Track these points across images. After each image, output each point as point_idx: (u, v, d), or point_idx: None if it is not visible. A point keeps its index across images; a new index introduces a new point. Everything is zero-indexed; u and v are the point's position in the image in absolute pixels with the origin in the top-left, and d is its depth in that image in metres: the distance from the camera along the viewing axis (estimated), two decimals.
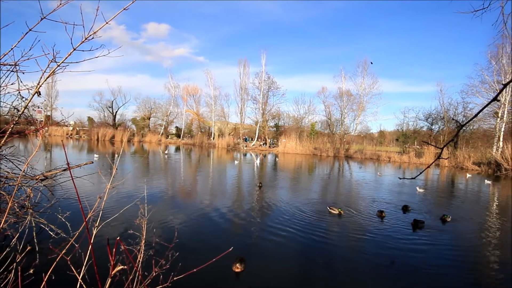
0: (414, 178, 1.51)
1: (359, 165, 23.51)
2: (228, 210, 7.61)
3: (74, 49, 1.81)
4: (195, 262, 1.55)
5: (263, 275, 4.25)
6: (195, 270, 1.37)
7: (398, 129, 38.37)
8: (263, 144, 40.07)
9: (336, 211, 7.44)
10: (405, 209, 8.21)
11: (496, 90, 24.56)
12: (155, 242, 4.58)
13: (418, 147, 32.23)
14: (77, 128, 48.91)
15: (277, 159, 26.62)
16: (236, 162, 20.78)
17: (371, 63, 34.36)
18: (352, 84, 35.58)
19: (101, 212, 1.51)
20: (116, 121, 48.97)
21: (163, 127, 49.35)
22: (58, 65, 1.91)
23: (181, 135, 48.24)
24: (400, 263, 4.88)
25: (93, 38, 1.77)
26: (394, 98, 68.60)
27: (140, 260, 1.68)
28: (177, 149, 34.54)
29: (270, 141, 40.97)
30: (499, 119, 24.17)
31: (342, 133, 35.21)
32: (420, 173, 1.52)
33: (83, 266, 1.43)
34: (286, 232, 6.05)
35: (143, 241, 1.63)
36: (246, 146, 38.82)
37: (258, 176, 15.03)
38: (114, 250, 1.09)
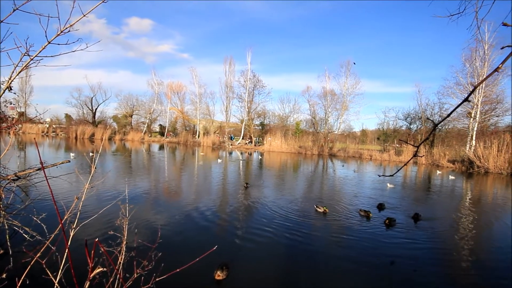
0: (392, 175, 1.57)
1: (342, 163, 24.08)
2: (213, 209, 7.55)
3: (49, 42, 1.72)
4: (179, 262, 1.53)
5: (247, 275, 4.26)
6: (178, 270, 1.35)
7: (379, 128, 39.69)
8: (248, 143, 40.06)
9: (321, 210, 7.56)
10: (380, 207, 8.45)
11: (469, 91, 25.93)
12: (138, 243, 4.47)
13: (397, 145, 33.46)
14: (54, 126, 46.67)
15: (261, 157, 26.73)
16: (219, 160, 20.60)
17: (354, 63, 35.20)
18: (336, 84, 36.35)
19: (78, 213, 1.45)
20: (96, 118, 47.19)
21: (146, 125, 48.10)
22: (32, 59, 1.81)
23: (165, 133, 47.25)
24: (381, 261, 5.05)
25: (69, 31, 1.69)
26: (376, 98, 70.72)
27: (121, 262, 1.63)
28: (161, 147, 33.81)
29: (256, 139, 41.02)
30: (472, 119, 25.55)
31: (326, 132, 35.88)
32: (398, 170, 1.59)
33: (60, 270, 1.38)
34: (271, 231, 6.07)
35: (124, 242, 1.59)
36: (231, 145, 38.65)
37: (244, 175, 15.02)
38: (92, 252, 1.05)
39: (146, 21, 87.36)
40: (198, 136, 42.92)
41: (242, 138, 40.85)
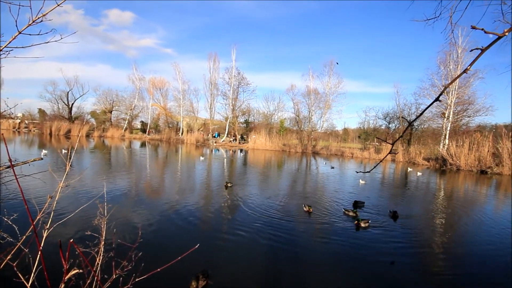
0: (369, 172, 1.64)
1: (325, 161, 24.60)
2: (196, 208, 7.46)
3: (20, 33, 1.62)
4: (161, 261, 1.50)
5: (229, 274, 4.26)
6: (159, 269, 1.33)
7: (360, 127, 40.89)
8: (233, 140, 39.89)
9: (306, 209, 7.55)
10: (356, 204, 8.64)
11: (444, 93, 27.27)
12: (117, 243, 4.34)
13: (377, 144, 34.65)
14: (26, 121, 44.07)
15: (245, 155, 26.73)
16: (202, 158, 20.31)
17: (337, 63, 35.89)
18: (319, 83, 36.93)
19: (52, 212, 1.39)
20: (72, 114, 45.06)
21: (126, 121, 46.54)
22: (1, 50, 1.69)
23: (147, 130, 46.00)
24: (361, 257, 5.23)
25: (42, 21, 1.60)
26: (357, 97, 72.83)
27: (99, 263, 1.58)
28: (143, 144, 32.90)
29: (240, 137, 40.92)
30: (445, 119, 26.95)
31: (309, 130, 36.44)
32: (374, 167, 1.66)
33: (32, 272, 1.31)
34: (254, 229, 6.06)
35: (102, 242, 1.54)
36: (215, 142, 38.32)
37: (228, 173, 14.97)
38: (67, 253, 1.01)
39: (127, 14, 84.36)
40: (182, 134, 42.15)
41: (227, 136, 40.61)
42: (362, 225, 6.48)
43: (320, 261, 4.82)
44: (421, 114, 1.46)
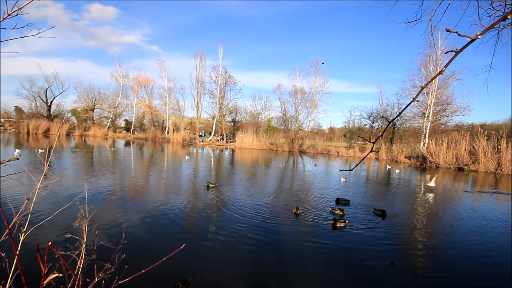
0: (351, 170, 1.68)
1: (311, 159, 24.95)
2: (181, 208, 7.35)
3: None
4: (145, 263, 1.48)
5: (215, 274, 4.24)
6: (143, 271, 1.30)
7: (345, 126, 41.76)
8: (220, 139, 39.65)
9: (296, 211, 7.25)
10: (338, 201, 8.86)
11: (424, 93, 28.37)
12: (100, 245, 4.23)
13: (362, 142, 35.52)
14: (2, 120, 41.79)
15: (229, 153, 26.66)
16: (187, 157, 20.01)
17: (323, 63, 36.41)
18: (306, 83, 37.39)
19: (29, 215, 1.33)
20: (51, 112, 43.24)
21: (110, 120, 45.19)
22: None
23: (130, 129, 44.84)
24: (347, 256, 5.36)
25: (17, 14, 1.52)
26: (343, 97, 74.18)
27: (81, 266, 1.54)
28: (127, 144, 32.05)
29: (227, 136, 40.73)
30: (425, 118, 28.02)
31: (296, 129, 36.82)
32: (356, 165, 1.71)
33: (9, 277, 1.26)
34: (240, 230, 6.00)
35: (84, 245, 1.49)
36: (202, 141, 37.95)
37: (215, 172, 14.87)
38: (45, 257, 0.97)
39: (110, 9, 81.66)
40: (168, 133, 41.42)
41: (214, 135, 40.31)
42: (338, 225, 6.30)
43: (307, 263, 4.78)
44: (399, 113, 1.52)
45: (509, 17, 1.18)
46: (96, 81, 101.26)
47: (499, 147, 20.70)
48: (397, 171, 18.06)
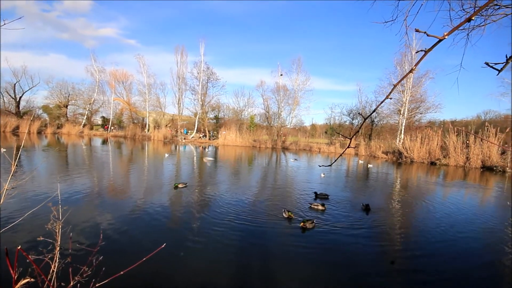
0: (330, 165, 1.74)
1: (294, 155, 25.31)
2: (161, 208, 7.17)
3: None
4: (125, 264, 1.44)
5: (195, 275, 4.21)
6: (122, 273, 1.27)
7: (326, 123, 42.74)
8: (203, 136, 39.13)
9: (286, 215, 6.76)
10: (316, 196, 9.08)
11: (400, 91, 29.61)
12: (76, 248, 4.06)
13: (342, 139, 36.52)
14: None
15: (212, 150, 26.44)
16: (167, 155, 19.58)
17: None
18: (288, 80, 37.68)
19: None
20: (20, 108, 40.50)
21: (85, 116, 43.12)
22: None
23: (109, 126, 43.09)
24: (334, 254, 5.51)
25: None
26: (324, 94, 75.39)
27: (55, 270, 1.47)
28: (104, 142, 30.79)
29: (210, 133, 40.27)
30: (401, 115, 29.29)
31: (279, 126, 37.13)
32: (334, 161, 1.77)
33: None
34: (223, 230, 5.90)
35: (57, 248, 1.43)
36: (184, 139, 37.26)
37: (198, 169, 14.69)
38: (15, 261, 0.92)
39: (84, 0, 77.35)
40: (148, 130, 40.25)
41: (196, 132, 39.70)
42: (308, 226, 6.04)
43: (289, 261, 4.72)
44: (373, 110, 1.59)
45: (473, 18, 1.26)
46: (70, 75, 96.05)
47: (467, 142, 22.10)
48: (370, 165, 18.81)
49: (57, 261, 1.46)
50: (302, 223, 6.12)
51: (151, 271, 3.89)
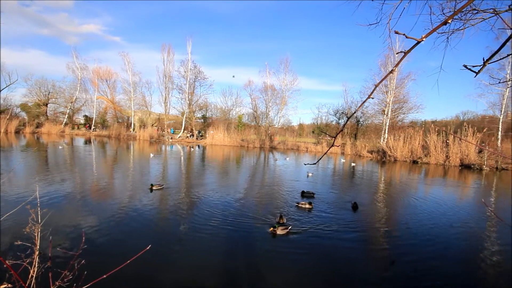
0: (315, 164, 1.76)
1: (281, 155, 25.48)
2: (145, 209, 7.01)
3: None
4: (108, 267, 1.40)
5: (182, 276, 4.17)
6: (104, 276, 1.24)
7: (314, 123, 43.34)
8: (190, 136, 38.66)
9: (279, 219, 6.34)
10: (303, 194, 9.24)
11: (384, 92, 30.45)
12: (57, 252, 3.91)
13: (329, 138, 37.13)
14: None
15: (199, 150, 26.20)
16: (152, 155, 19.23)
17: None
18: (276, 80, 37.87)
19: None
20: None
21: (66, 115, 41.56)
22: None
23: (92, 126, 41.75)
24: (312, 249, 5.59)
25: None
26: (311, 94, 76.50)
27: (34, 275, 1.42)
28: (87, 142, 29.81)
29: (198, 132, 39.85)
30: (385, 116, 30.12)
31: (267, 125, 37.26)
32: (318, 160, 1.80)
33: None
34: (209, 230, 5.86)
35: (37, 253, 1.38)
36: (171, 138, 36.67)
37: (185, 169, 14.51)
38: None
39: None
40: (133, 129, 39.31)
41: (183, 131, 39.17)
42: (279, 232, 5.74)
43: (276, 262, 4.70)
44: (356, 110, 1.64)
45: (450, 21, 1.32)
46: (50, 73, 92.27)
47: (447, 141, 23.03)
48: (353, 164, 19.28)
49: (36, 265, 1.42)
50: (272, 228, 5.79)
51: (135, 274, 3.82)
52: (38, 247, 1.39)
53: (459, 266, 4.86)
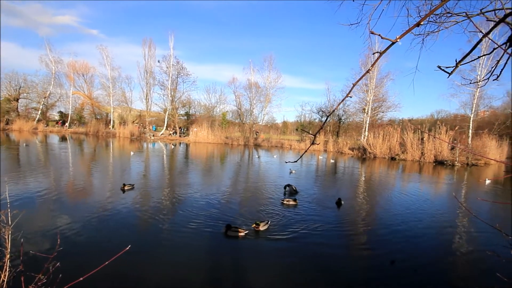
0: (296, 161, 1.81)
1: (267, 152, 25.63)
2: (124, 209, 6.81)
3: None
4: (86, 269, 1.36)
5: (163, 276, 4.13)
6: (81, 279, 1.20)
7: (297, 120, 43.87)
8: (173, 133, 37.89)
9: (255, 226, 5.98)
10: (286, 187, 9.46)
11: (364, 91, 31.38)
12: (30, 255, 3.73)
13: (312, 136, 37.75)
14: None
15: (182, 148, 25.80)
16: (132, 153, 18.70)
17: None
18: (260, 77, 37.97)
19: None
20: None
21: (40, 111, 39.34)
22: None
23: (68, 122, 39.81)
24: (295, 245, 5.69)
25: None
26: (295, 92, 77.47)
27: (5, 280, 1.35)
28: (63, 139, 28.40)
29: (181, 130, 39.14)
30: (366, 114, 31.09)
31: (251, 123, 37.28)
32: (300, 157, 1.84)
33: None
34: (192, 229, 5.80)
35: (8, 256, 1.31)
36: (153, 136, 35.76)
37: (168, 168, 14.23)
38: None
39: None
40: (113, 126, 37.93)
41: (166, 129, 38.32)
42: (261, 228, 5.80)
43: (262, 261, 4.69)
44: (334, 109, 1.70)
45: (422, 23, 1.39)
46: (22, 66, 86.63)
47: (422, 139, 24.18)
48: (332, 161, 19.89)
49: (7, 269, 1.35)
50: (254, 225, 5.83)
51: (115, 275, 3.72)
52: (9, 250, 1.32)
53: (433, 253, 5.17)
